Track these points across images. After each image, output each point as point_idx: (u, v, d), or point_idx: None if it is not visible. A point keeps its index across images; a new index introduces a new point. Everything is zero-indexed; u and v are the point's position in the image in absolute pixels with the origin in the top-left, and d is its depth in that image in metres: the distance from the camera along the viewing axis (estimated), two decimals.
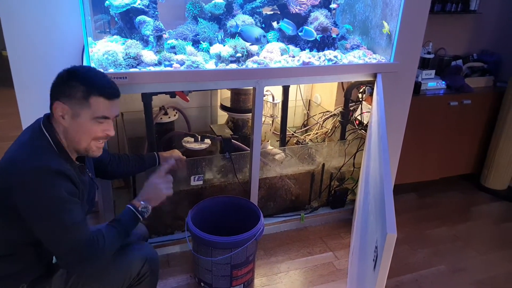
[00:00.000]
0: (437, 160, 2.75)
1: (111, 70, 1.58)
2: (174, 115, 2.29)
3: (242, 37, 1.85)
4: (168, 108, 2.28)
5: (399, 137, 2.39)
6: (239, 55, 1.80)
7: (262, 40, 1.84)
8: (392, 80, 2.09)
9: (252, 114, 1.93)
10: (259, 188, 2.10)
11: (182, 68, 1.68)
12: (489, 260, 2.19)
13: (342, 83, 2.42)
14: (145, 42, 1.78)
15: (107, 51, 1.61)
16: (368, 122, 2.18)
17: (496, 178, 2.84)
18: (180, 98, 1.91)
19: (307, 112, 2.83)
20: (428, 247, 2.26)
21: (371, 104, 2.15)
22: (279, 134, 2.39)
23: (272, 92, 2.49)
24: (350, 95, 2.30)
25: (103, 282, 1.26)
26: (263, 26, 2.04)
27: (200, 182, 2.04)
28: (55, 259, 1.22)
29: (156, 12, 1.80)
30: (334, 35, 2.02)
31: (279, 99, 2.40)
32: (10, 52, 1.78)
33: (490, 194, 2.86)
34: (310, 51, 1.99)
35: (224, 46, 1.84)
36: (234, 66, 1.78)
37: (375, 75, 2.00)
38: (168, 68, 1.67)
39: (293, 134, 2.59)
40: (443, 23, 2.75)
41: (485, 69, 2.86)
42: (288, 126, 2.39)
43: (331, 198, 2.43)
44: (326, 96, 2.65)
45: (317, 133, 2.54)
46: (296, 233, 2.29)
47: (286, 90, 2.18)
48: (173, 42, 1.79)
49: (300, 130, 2.70)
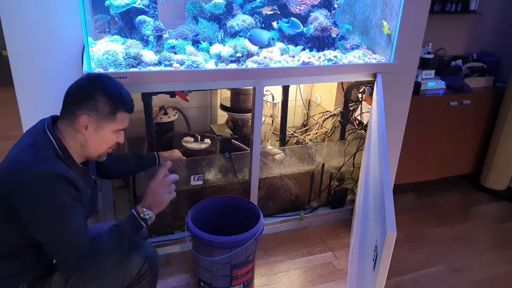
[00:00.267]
0: (436, 160, 2.75)
1: (111, 70, 1.58)
2: (174, 115, 2.29)
3: (252, 42, 1.83)
4: (168, 108, 2.28)
5: (399, 137, 2.40)
6: (239, 55, 1.81)
7: (271, 43, 1.83)
8: (392, 80, 2.09)
9: (252, 114, 1.93)
10: (259, 188, 2.10)
11: (182, 68, 1.68)
12: (488, 260, 2.19)
13: (342, 83, 2.42)
14: (145, 42, 1.79)
15: (107, 51, 1.62)
16: (367, 122, 2.18)
17: (496, 178, 2.84)
18: (180, 98, 1.91)
19: (307, 112, 2.83)
20: (427, 247, 2.26)
21: (371, 104, 2.15)
22: (279, 134, 2.40)
23: (272, 92, 2.49)
24: (350, 95, 2.30)
25: (103, 281, 1.26)
26: (263, 26, 2.04)
27: (200, 182, 2.04)
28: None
29: (156, 12, 1.80)
30: (334, 35, 2.02)
31: (279, 99, 2.40)
32: (10, 52, 1.78)
33: (489, 194, 2.86)
34: (310, 51, 1.99)
35: (224, 46, 1.84)
36: (234, 66, 1.78)
37: (375, 75, 2.00)
38: (168, 68, 1.68)
39: (293, 134, 2.59)
40: (443, 23, 2.75)
41: (484, 69, 2.86)
42: (288, 126, 2.39)
43: (330, 198, 2.43)
44: (326, 96, 2.65)
45: (317, 133, 2.54)
46: (296, 233, 2.30)
47: (286, 90, 2.18)
48: (173, 42, 1.79)
49: (300, 130, 2.70)
